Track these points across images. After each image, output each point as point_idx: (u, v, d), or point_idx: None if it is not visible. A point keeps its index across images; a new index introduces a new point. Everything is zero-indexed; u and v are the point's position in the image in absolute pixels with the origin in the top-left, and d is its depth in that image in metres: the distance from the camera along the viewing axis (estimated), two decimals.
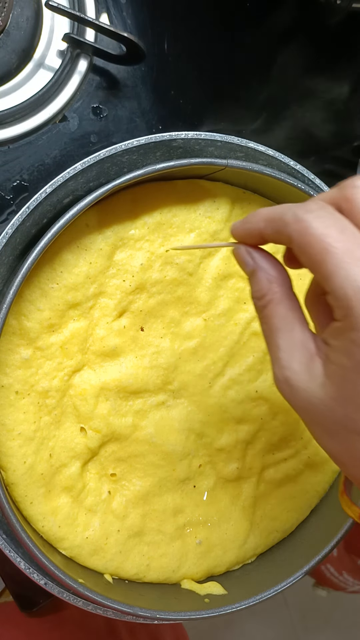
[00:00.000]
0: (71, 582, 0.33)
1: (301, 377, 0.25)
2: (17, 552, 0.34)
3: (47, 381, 0.36)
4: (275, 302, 0.26)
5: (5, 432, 0.35)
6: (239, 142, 0.37)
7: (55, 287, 0.35)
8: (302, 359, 0.25)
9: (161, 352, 0.39)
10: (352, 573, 0.91)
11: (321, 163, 0.53)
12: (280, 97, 0.52)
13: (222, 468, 0.41)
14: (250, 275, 0.28)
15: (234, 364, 0.41)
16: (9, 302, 0.32)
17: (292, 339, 0.25)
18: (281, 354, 0.25)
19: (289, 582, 0.38)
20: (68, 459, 0.37)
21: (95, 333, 0.37)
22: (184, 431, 0.39)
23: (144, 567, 0.39)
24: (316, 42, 0.52)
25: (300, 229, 0.23)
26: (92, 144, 0.45)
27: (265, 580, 0.39)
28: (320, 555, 0.38)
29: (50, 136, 0.43)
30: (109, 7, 0.46)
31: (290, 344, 0.25)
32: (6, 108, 0.43)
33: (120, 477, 0.39)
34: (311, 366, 0.24)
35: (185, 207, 0.38)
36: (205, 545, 0.40)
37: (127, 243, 0.37)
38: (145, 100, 0.46)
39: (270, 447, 0.42)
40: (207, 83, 0.49)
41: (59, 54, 0.44)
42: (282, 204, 0.26)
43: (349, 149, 0.54)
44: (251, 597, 0.37)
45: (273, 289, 0.26)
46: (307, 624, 1.17)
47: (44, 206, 0.34)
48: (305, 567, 0.38)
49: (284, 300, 0.26)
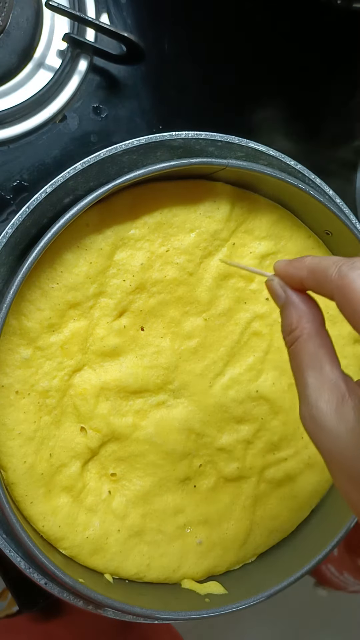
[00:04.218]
0: (71, 582, 0.33)
1: (328, 417, 0.24)
2: (17, 552, 0.34)
3: (47, 381, 0.36)
4: (305, 338, 0.26)
5: (5, 431, 0.35)
6: (239, 142, 0.37)
7: (55, 287, 0.35)
8: (332, 399, 0.24)
9: (161, 351, 0.39)
10: (352, 573, 0.91)
11: (321, 163, 0.53)
12: (279, 96, 0.52)
13: (222, 468, 0.41)
14: (282, 309, 0.28)
15: (235, 364, 0.41)
16: (9, 302, 0.32)
17: (321, 378, 0.25)
18: (309, 392, 0.25)
19: (289, 582, 0.38)
20: (68, 459, 0.37)
21: (96, 333, 0.37)
22: (184, 431, 0.39)
23: (144, 567, 0.39)
24: (316, 42, 0.52)
25: (342, 285, 0.23)
26: (92, 144, 0.45)
27: (265, 580, 0.39)
28: (321, 555, 0.38)
29: (50, 136, 0.43)
30: (109, 7, 0.46)
31: (319, 382, 0.25)
32: (6, 108, 0.43)
33: (121, 477, 0.39)
34: (341, 408, 0.24)
35: (186, 207, 0.38)
36: (206, 545, 0.40)
37: (128, 243, 0.37)
38: (145, 100, 0.46)
39: (270, 446, 0.42)
40: (207, 83, 0.49)
41: (59, 54, 0.44)
42: (329, 257, 0.26)
43: (349, 149, 0.54)
44: (251, 597, 0.37)
45: (302, 325, 0.26)
46: (307, 624, 1.17)
47: (44, 206, 0.34)
48: (305, 567, 0.38)
49: (314, 337, 0.26)
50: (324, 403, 0.24)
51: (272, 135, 0.51)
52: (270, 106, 0.52)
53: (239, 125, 0.50)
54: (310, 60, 0.53)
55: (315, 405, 0.24)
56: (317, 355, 0.25)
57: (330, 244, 0.43)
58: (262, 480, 0.42)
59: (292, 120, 0.52)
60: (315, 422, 0.24)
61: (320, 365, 0.25)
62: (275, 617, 1.15)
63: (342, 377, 0.25)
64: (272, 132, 0.51)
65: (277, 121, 0.52)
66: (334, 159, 0.54)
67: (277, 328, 0.41)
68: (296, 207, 0.41)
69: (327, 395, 0.24)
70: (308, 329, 0.26)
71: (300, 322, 0.26)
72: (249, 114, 0.51)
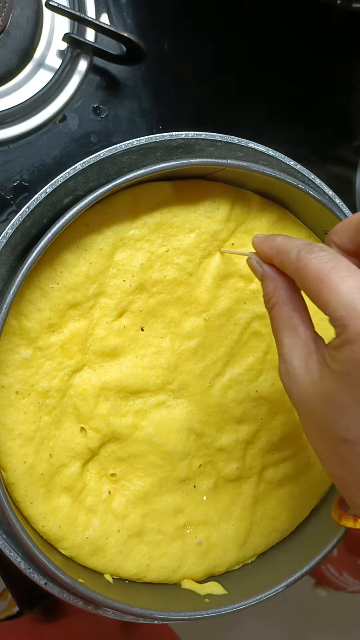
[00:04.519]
0: (71, 582, 0.33)
1: (298, 371, 0.27)
2: (17, 552, 0.34)
3: (47, 381, 0.36)
4: (280, 304, 0.29)
5: (5, 432, 0.35)
6: (239, 142, 0.37)
7: (55, 287, 0.36)
8: (302, 356, 0.27)
9: (161, 352, 0.39)
10: (352, 573, 0.91)
11: (321, 163, 0.53)
12: (280, 96, 0.52)
13: (222, 468, 0.41)
14: (261, 281, 0.31)
15: (234, 364, 0.41)
16: (9, 302, 0.32)
17: (295, 337, 0.28)
18: (284, 350, 0.28)
19: (289, 582, 0.38)
20: (68, 459, 0.37)
21: (96, 333, 0.37)
22: (184, 431, 0.39)
23: (144, 567, 0.39)
24: (316, 42, 0.52)
25: (299, 267, 0.27)
26: (92, 144, 0.45)
27: (265, 580, 0.39)
28: (320, 555, 0.38)
29: (50, 136, 0.43)
30: (109, 7, 0.46)
31: (293, 341, 0.28)
32: (6, 108, 0.43)
33: (121, 477, 0.39)
34: (308, 363, 0.27)
35: (185, 207, 0.38)
36: (206, 545, 0.40)
37: (127, 243, 0.37)
38: (145, 100, 0.46)
39: (270, 447, 0.42)
40: (207, 83, 0.49)
41: (59, 54, 0.44)
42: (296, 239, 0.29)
43: (349, 149, 0.54)
44: (251, 597, 0.37)
45: (278, 292, 0.29)
46: (307, 624, 1.17)
47: (44, 206, 0.34)
48: (305, 567, 0.38)
49: (288, 303, 0.29)
50: (296, 359, 0.28)
51: (272, 136, 0.51)
52: (270, 106, 0.52)
53: (239, 125, 0.50)
54: (311, 60, 0.53)
55: (289, 361, 0.28)
56: (292, 319, 0.29)
57: None
58: (262, 481, 0.42)
59: (292, 120, 0.52)
60: (288, 375, 0.28)
61: (294, 327, 0.28)
62: (275, 617, 1.15)
63: (312, 337, 0.28)
64: (271, 132, 0.51)
65: (276, 121, 0.52)
66: (334, 159, 0.54)
67: None
68: (296, 207, 0.41)
69: (299, 352, 0.28)
70: (283, 296, 0.29)
71: (276, 291, 0.30)
72: (248, 114, 0.51)
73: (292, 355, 0.28)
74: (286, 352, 0.28)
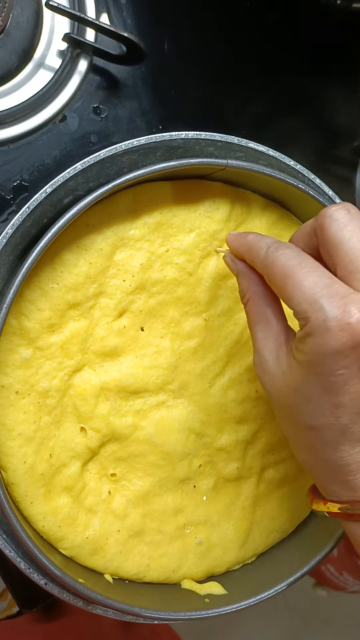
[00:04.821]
0: (71, 582, 0.33)
1: (270, 363, 0.29)
2: (17, 552, 0.34)
3: (47, 381, 0.36)
4: (254, 299, 0.31)
5: (5, 432, 0.35)
6: (239, 142, 0.37)
7: (55, 287, 0.36)
8: (273, 348, 0.29)
9: (161, 352, 0.39)
10: (352, 573, 0.92)
11: (321, 163, 0.53)
12: (280, 97, 0.52)
13: (222, 468, 0.41)
14: (236, 277, 0.33)
15: (234, 364, 0.41)
16: (9, 302, 0.32)
17: (267, 331, 0.30)
18: (258, 343, 0.30)
19: (289, 582, 0.38)
20: (68, 459, 0.37)
21: (96, 333, 0.37)
22: (184, 431, 0.39)
23: (144, 567, 0.39)
24: (316, 42, 0.52)
25: (267, 264, 0.28)
26: (92, 144, 0.45)
27: (265, 580, 0.39)
28: (320, 555, 0.38)
29: (50, 136, 0.43)
30: (109, 7, 0.46)
31: (265, 334, 0.30)
32: (6, 108, 0.43)
33: (121, 477, 0.39)
34: (279, 354, 0.29)
35: (185, 207, 0.38)
36: (206, 545, 0.40)
37: (127, 243, 0.37)
38: (145, 100, 0.46)
39: (270, 447, 0.42)
40: (207, 83, 0.49)
41: (59, 54, 0.44)
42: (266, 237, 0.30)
43: (349, 149, 0.54)
44: (251, 597, 0.37)
45: (252, 289, 0.31)
46: (307, 624, 1.17)
47: (44, 206, 0.34)
48: (305, 567, 0.38)
49: (262, 297, 0.31)
50: (267, 351, 0.29)
51: (272, 135, 0.51)
52: (270, 106, 0.52)
53: (239, 125, 0.50)
54: (311, 60, 0.53)
55: (261, 353, 0.29)
56: (265, 313, 0.30)
57: None
58: (262, 481, 0.42)
59: (292, 120, 0.52)
60: (261, 367, 0.29)
61: (267, 321, 0.30)
62: (275, 617, 1.15)
63: (284, 330, 0.29)
64: (271, 132, 0.51)
65: (276, 121, 0.52)
66: (334, 159, 0.54)
67: None
68: (296, 207, 0.41)
69: (270, 344, 0.29)
70: (257, 292, 0.31)
71: (249, 287, 0.31)
72: (248, 114, 0.51)
73: (264, 347, 0.29)
74: (259, 344, 0.30)
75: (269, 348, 0.29)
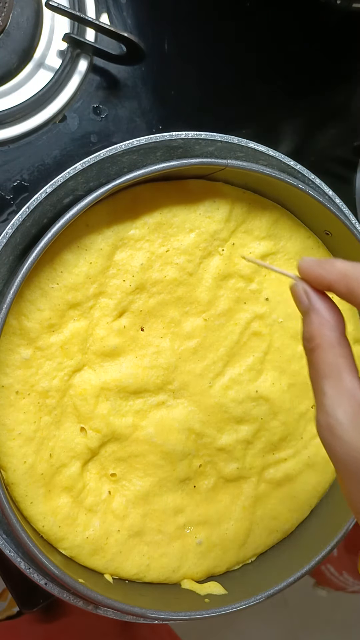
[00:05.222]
0: (71, 582, 0.33)
1: (345, 427, 0.24)
2: (17, 552, 0.34)
3: (47, 381, 0.36)
4: (324, 347, 0.26)
5: (5, 432, 0.35)
6: (239, 142, 0.37)
7: (55, 287, 0.36)
8: (349, 409, 0.24)
9: (161, 352, 0.39)
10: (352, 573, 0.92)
11: (321, 163, 0.53)
12: (280, 97, 0.52)
13: (222, 468, 0.41)
14: (304, 314, 0.27)
15: (234, 364, 0.41)
16: (9, 302, 0.32)
17: (339, 387, 0.25)
18: (326, 401, 0.25)
19: (289, 582, 0.38)
20: (68, 459, 0.37)
21: (96, 333, 0.37)
22: (184, 431, 0.39)
23: (144, 567, 0.39)
24: (316, 42, 0.52)
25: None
26: (92, 144, 0.45)
27: (265, 580, 0.39)
28: (320, 555, 0.38)
29: (50, 136, 0.43)
30: (109, 7, 0.46)
31: (337, 392, 0.25)
32: (6, 108, 0.43)
33: (121, 477, 0.39)
34: (358, 419, 0.24)
35: (186, 207, 0.38)
36: (206, 545, 0.40)
37: (127, 243, 0.37)
38: (145, 100, 0.46)
39: (270, 446, 0.42)
40: (207, 83, 0.49)
41: (59, 54, 0.44)
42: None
43: (349, 149, 0.54)
44: (251, 597, 0.37)
45: (323, 333, 0.26)
46: (307, 624, 1.17)
47: (44, 206, 0.34)
48: (305, 567, 0.38)
49: (335, 346, 0.26)
50: (342, 413, 0.24)
51: (272, 135, 0.51)
52: (270, 106, 0.52)
53: (239, 125, 0.50)
54: (311, 60, 0.53)
55: (333, 415, 0.24)
56: (337, 365, 0.25)
57: (329, 244, 0.43)
58: (262, 481, 0.42)
59: (292, 121, 0.52)
60: (331, 431, 0.24)
61: (339, 375, 0.25)
62: (275, 617, 1.15)
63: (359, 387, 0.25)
64: (271, 132, 0.51)
65: (276, 121, 0.52)
66: (334, 159, 0.54)
67: (276, 328, 0.41)
68: (296, 207, 0.41)
69: (345, 405, 0.24)
70: (329, 337, 0.26)
71: (321, 330, 0.26)
72: (249, 114, 0.51)
73: (337, 408, 0.24)
74: (329, 403, 0.25)
75: (344, 409, 0.24)
